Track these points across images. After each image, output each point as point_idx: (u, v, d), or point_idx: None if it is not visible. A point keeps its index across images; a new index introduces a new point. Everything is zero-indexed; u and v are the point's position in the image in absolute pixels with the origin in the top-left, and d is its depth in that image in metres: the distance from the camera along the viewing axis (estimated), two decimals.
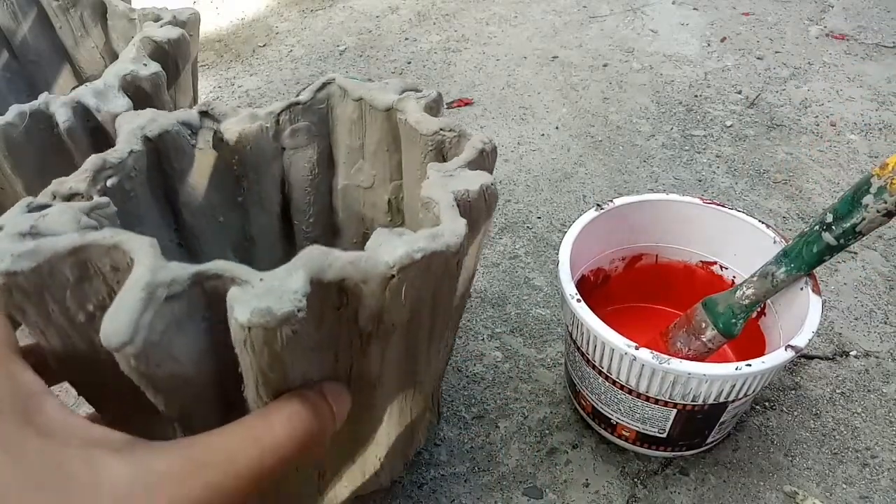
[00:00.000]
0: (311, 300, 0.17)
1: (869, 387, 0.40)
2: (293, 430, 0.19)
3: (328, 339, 0.20)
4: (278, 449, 0.18)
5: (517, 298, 0.46)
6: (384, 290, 0.19)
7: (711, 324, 0.34)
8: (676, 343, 0.36)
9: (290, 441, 0.18)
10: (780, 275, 0.32)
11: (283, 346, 0.17)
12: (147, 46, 0.36)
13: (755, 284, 0.33)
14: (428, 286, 0.21)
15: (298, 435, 0.19)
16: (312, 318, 0.18)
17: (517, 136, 0.64)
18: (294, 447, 0.18)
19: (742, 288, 0.33)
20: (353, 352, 0.21)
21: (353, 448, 0.27)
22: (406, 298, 0.20)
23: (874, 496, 0.34)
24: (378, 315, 0.20)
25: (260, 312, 0.16)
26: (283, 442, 0.18)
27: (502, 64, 0.76)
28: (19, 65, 0.47)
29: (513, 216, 0.54)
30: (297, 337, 0.17)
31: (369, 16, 0.88)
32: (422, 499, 0.35)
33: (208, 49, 0.82)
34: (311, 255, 0.18)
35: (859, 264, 0.48)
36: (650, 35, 0.80)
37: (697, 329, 0.35)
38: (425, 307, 0.22)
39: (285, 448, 0.18)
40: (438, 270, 0.20)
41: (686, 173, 0.58)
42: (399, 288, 0.19)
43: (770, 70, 0.72)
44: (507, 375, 0.41)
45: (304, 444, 0.19)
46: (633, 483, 0.35)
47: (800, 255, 0.31)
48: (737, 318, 0.33)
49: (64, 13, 0.45)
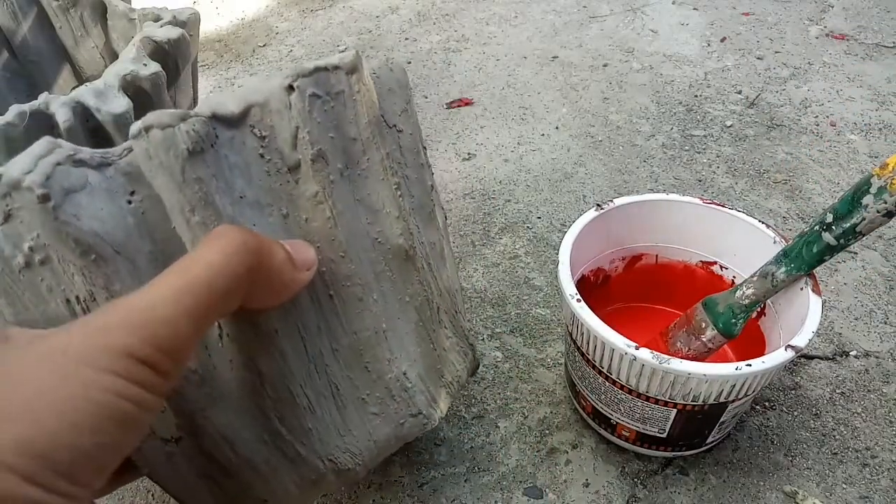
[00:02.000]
0: (228, 143, 0.19)
1: (869, 387, 0.40)
2: (223, 243, 0.17)
3: (265, 194, 0.21)
4: (208, 266, 0.17)
5: (517, 298, 0.46)
6: (288, 107, 0.20)
7: (711, 324, 0.34)
8: (676, 343, 0.36)
9: (220, 255, 0.17)
10: (780, 275, 0.32)
11: (192, 152, 0.18)
12: (147, 46, 0.36)
13: (755, 284, 0.33)
14: (330, 111, 0.21)
15: (231, 248, 0.17)
16: (242, 167, 0.20)
17: (517, 136, 0.64)
18: (228, 263, 0.17)
19: (742, 288, 0.33)
20: (297, 201, 0.21)
21: (359, 349, 0.25)
22: (311, 109, 0.21)
23: (874, 496, 0.34)
24: (294, 137, 0.21)
25: (155, 116, 0.18)
26: (212, 257, 0.17)
27: (502, 64, 0.76)
28: (19, 65, 0.47)
29: (513, 216, 0.54)
30: (214, 157, 0.19)
31: (369, 16, 0.88)
32: (422, 499, 0.35)
33: (208, 49, 0.82)
34: (207, 99, 0.20)
35: (859, 264, 0.48)
36: (650, 35, 0.80)
37: (697, 329, 0.35)
38: (343, 138, 0.22)
39: (216, 263, 0.17)
40: (333, 88, 0.21)
41: (686, 173, 0.58)
42: (302, 100, 0.20)
43: (770, 70, 0.72)
44: (507, 375, 0.41)
45: (243, 264, 0.18)
46: (633, 483, 0.35)
47: (800, 256, 0.31)
48: (737, 318, 0.33)
49: (64, 13, 0.45)
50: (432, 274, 0.27)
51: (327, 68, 0.21)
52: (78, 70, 0.48)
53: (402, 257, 0.25)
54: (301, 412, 0.23)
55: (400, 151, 0.26)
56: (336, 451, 0.24)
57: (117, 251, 0.19)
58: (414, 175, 0.26)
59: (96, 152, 0.19)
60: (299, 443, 0.24)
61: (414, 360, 0.26)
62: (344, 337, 0.24)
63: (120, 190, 0.19)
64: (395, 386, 0.26)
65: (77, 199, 0.18)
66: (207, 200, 0.19)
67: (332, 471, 0.25)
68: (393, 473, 0.36)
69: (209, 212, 0.19)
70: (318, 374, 0.23)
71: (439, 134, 0.64)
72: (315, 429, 0.24)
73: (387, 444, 0.26)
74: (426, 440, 0.38)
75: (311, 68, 0.21)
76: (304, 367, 0.23)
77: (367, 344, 0.24)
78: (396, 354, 0.25)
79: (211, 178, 0.19)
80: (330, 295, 0.23)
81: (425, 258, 0.27)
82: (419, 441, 0.38)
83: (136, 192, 0.19)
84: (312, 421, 0.24)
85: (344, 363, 0.24)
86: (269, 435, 0.23)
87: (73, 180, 0.18)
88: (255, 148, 0.20)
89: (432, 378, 0.27)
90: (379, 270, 0.24)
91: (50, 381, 0.15)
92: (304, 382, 0.23)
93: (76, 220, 0.18)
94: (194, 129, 0.19)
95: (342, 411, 0.24)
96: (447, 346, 0.28)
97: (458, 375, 0.29)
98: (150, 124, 0.18)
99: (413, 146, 0.26)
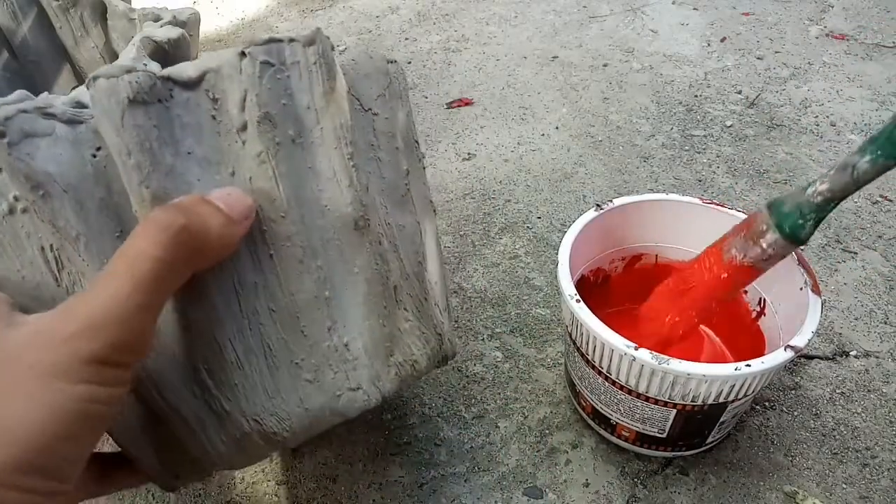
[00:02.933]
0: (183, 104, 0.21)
1: (869, 387, 0.40)
2: (162, 236, 0.18)
3: (215, 152, 0.22)
4: (149, 251, 0.18)
5: (517, 298, 0.46)
6: (239, 71, 0.22)
7: (774, 226, 0.29)
8: (731, 251, 0.31)
9: (160, 248, 0.18)
10: (864, 164, 0.26)
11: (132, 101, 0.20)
12: (147, 46, 0.36)
13: (831, 178, 0.28)
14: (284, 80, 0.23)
15: (170, 239, 0.19)
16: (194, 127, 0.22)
17: (517, 136, 0.64)
18: (167, 241, 0.18)
19: (815, 184, 0.28)
20: (243, 161, 0.23)
21: (296, 312, 0.25)
22: (261, 75, 0.22)
23: (874, 496, 0.34)
24: (243, 100, 0.22)
25: (105, 68, 0.20)
26: (152, 241, 0.18)
27: (502, 64, 0.76)
28: (19, 65, 0.47)
29: (513, 216, 0.54)
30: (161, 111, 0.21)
31: (369, 16, 0.88)
32: (422, 499, 0.35)
33: (208, 49, 0.82)
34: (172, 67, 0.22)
35: (859, 264, 0.48)
36: (650, 35, 0.80)
37: (757, 233, 0.30)
38: (296, 105, 0.23)
39: (157, 246, 0.18)
40: (287, 59, 0.23)
41: (686, 173, 0.58)
42: (252, 66, 0.22)
43: (770, 70, 0.72)
44: (507, 375, 0.41)
45: (184, 247, 0.19)
46: (633, 483, 0.35)
47: (890, 140, 0.25)
48: (805, 219, 0.29)
49: (64, 13, 0.45)
50: (396, 255, 0.27)
51: (282, 40, 0.23)
52: (78, 70, 0.48)
53: (350, 227, 0.25)
54: (229, 366, 0.24)
55: (374, 134, 0.27)
56: (262, 411, 0.24)
57: (65, 190, 0.21)
58: (387, 157, 0.27)
59: (70, 109, 0.21)
60: (225, 398, 0.24)
61: (359, 333, 0.26)
62: (281, 298, 0.24)
63: (87, 144, 0.21)
64: (334, 355, 0.25)
65: (35, 142, 0.20)
66: (144, 147, 0.21)
67: (258, 432, 0.25)
68: (393, 473, 0.36)
69: (144, 157, 0.21)
70: (250, 330, 0.24)
71: (439, 134, 0.64)
72: (242, 385, 0.24)
73: (320, 414, 0.26)
74: (426, 440, 0.38)
75: (265, 38, 0.22)
76: (236, 321, 0.23)
77: (305, 307, 0.24)
78: (338, 324, 0.25)
79: (152, 128, 0.21)
80: (270, 255, 0.24)
81: (388, 237, 0.27)
82: (419, 441, 0.38)
83: (103, 149, 0.21)
84: (240, 377, 0.24)
85: (280, 324, 0.24)
86: (198, 386, 0.24)
87: (36, 127, 0.20)
88: (207, 109, 0.22)
89: (378, 354, 0.26)
90: (327, 238, 0.24)
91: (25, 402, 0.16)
92: (233, 337, 0.23)
93: (29, 159, 0.20)
94: (137, 81, 0.21)
95: (273, 372, 0.24)
96: (404, 328, 0.28)
97: (414, 359, 0.28)
98: (98, 74, 0.20)
99: (388, 130, 0.27)
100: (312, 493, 0.35)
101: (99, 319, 0.17)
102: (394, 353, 0.27)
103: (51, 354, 0.17)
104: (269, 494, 0.36)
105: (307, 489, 0.36)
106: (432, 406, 0.39)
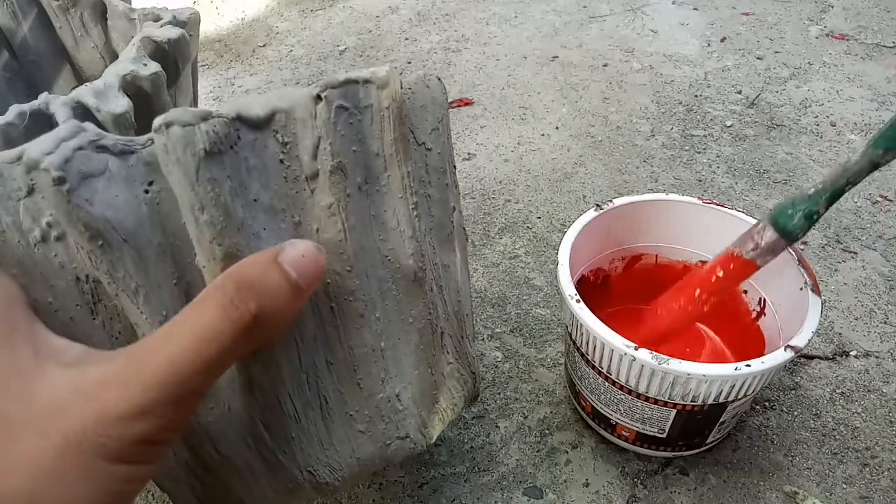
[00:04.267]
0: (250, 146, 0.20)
1: (869, 387, 0.40)
2: (231, 311, 0.17)
3: (280, 199, 0.21)
4: (217, 336, 0.17)
5: (517, 298, 0.46)
6: (313, 116, 0.20)
7: (767, 218, 0.30)
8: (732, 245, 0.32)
9: (228, 324, 0.17)
10: (856, 156, 0.27)
11: (209, 152, 0.19)
12: (147, 46, 0.36)
13: (826, 173, 0.27)
14: (356, 124, 0.21)
15: (239, 330, 0.17)
16: (261, 170, 0.20)
17: (517, 136, 0.64)
18: (235, 329, 0.17)
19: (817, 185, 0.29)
20: (311, 210, 0.21)
21: (353, 365, 0.24)
22: (336, 121, 0.20)
23: (874, 496, 0.34)
24: (316, 147, 0.20)
25: (178, 113, 0.18)
26: (220, 327, 0.17)
27: (502, 64, 0.76)
28: (19, 65, 0.47)
29: (513, 216, 0.54)
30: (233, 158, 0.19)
31: (369, 16, 0.88)
32: (422, 499, 0.35)
33: (208, 49, 0.82)
34: (234, 101, 0.20)
35: (859, 264, 0.48)
36: (650, 35, 0.80)
37: (753, 229, 0.31)
38: (366, 152, 0.22)
39: (224, 333, 0.17)
40: (361, 102, 0.21)
41: (686, 173, 0.58)
42: (328, 111, 0.20)
43: (770, 70, 0.72)
44: (507, 375, 0.41)
45: (251, 323, 0.17)
46: (633, 483, 0.35)
47: (884, 136, 0.26)
48: (795, 210, 0.29)
49: (64, 13, 0.45)
50: (441, 297, 0.27)
51: (358, 81, 0.21)
52: (78, 70, 0.48)
53: (410, 278, 0.24)
54: (286, 420, 0.23)
55: (426, 169, 0.25)
56: (317, 463, 0.24)
57: (125, 239, 0.19)
58: (437, 195, 0.26)
59: (120, 139, 0.19)
60: (280, 450, 0.23)
61: (409, 382, 0.26)
62: (340, 351, 0.24)
63: (139, 179, 0.19)
64: (386, 406, 0.25)
65: (93, 184, 0.18)
66: (218, 201, 0.19)
67: (310, 482, 0.24)
68: (393, 473, 0.36)
69: (219, 212, 0.19)
70: (308, 384, 0.23)
71: None
72: (298, 438, 0.24)
73: (370, 462, 0.26)
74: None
75: (341, 80, 0.20)
76: (296, 376, 0.23)
77: (362, 360, 0.24)
78: (391, 375, 0.25)
79: (225, 180, 0.19)
80: (331, 308, 0.23)
81: (436, 280, 0.26)
82: None
83: (155, 183, 0.19)
84: (296, 430, 0.23)
85: (336, 377, 0.24)
86: (253, 438, 0.23)
87: (92, 165, 0.18)
88: (275, 153, 0.20)
89: (426, 403, 0.27)
90: (385, 289, 0.24)
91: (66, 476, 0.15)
92: (293, 392, 0.23)
93: (88, 206, 0.18)
94: (214, 130, 0.19)
95: (328, 424, 0.24)
96: (446, 372, 0.28)
97: (455, 403, 0.28)
98: (171, 121, 0.18)
99: (440, 165, 0.26)
100: None
101: (153, 399, 0.16)
102: (438, 401, 0.27)
103: (99, 428, 0.16)
104: None
105: None
106: None
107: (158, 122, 0.18)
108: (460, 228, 0.28)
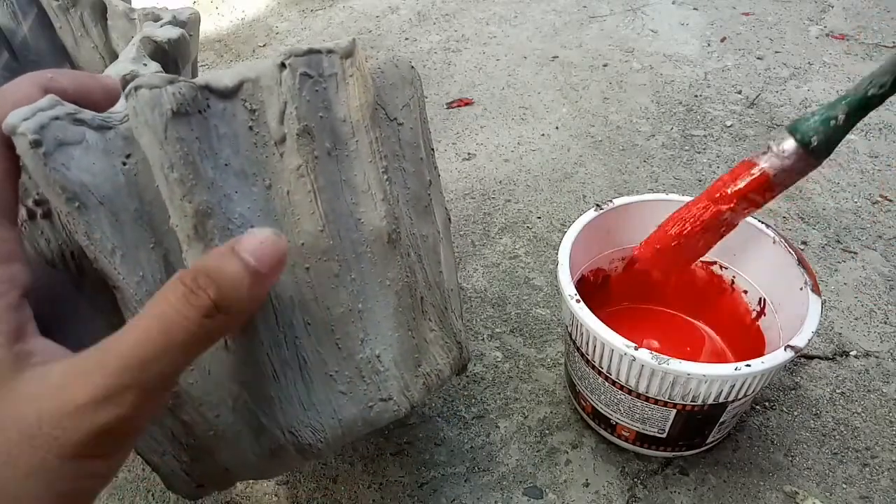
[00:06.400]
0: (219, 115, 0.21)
1: (869, 387, 0.40)
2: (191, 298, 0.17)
3: (251, 164, 0.22)
4: (182, 320, 0.17)
5: (517, 298, 0.46)
6: (279, 83, 0.22)
7: (787, 130, 0.29)
8: (758, 158, 0.31)
9: (191, 309, 0.17)
10: (883, 61, 0.27)
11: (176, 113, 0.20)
12: (147, 46, 0.36)
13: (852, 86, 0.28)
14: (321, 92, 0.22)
15: (200, 301, 0.17)
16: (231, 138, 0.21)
17: (517, 136, 0.64)
18: (199, 314, 0.17)
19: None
20: (281, 173, 0.22)
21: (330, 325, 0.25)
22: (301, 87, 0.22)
23: (874, 496, 0.34)
24: (282, 112, 0.22)
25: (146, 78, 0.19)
26: (185, 311, 0.17)
27: (502, 64, 0.76)
28: (19, 65, 0.47)
29: (513, 216, 0.54)
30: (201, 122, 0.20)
31: (369, 16, 0.88)
32: (422, 499, 0.35)
33: (208, 49, 0.82)
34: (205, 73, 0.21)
35: (859, 264, 0.48)
36: (650, 35, 0.80)
37: (776, 140, 0.30)
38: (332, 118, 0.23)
39: (189, 318, 0.17)
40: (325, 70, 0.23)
41: (686, 173, 0.58)
42: (293, 78, 0.22)
43: (770, 70, 0.72)
44: (507, 375, 0.41)
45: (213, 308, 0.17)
46: (633, 483, 0.35)
47: None
48: (813, 115, 0.29)
49: (64, 13, 0.45)
50: (421, 265, 0.27)
51: (321, 51, 0.22)
52: (78, 70, 0.48)
53: (384, 240, 0.25)
54: (265, 380, 0.23)
55: (399, 144, 0.27)
56: (298, 424, 0.24)
57: (101, 202, 0.20)
58: (411, 168, 0.27)
59: (98, 115, 0.20)
60: (261, 411, 0.24)
61: (389, 344, 0.26)
62: (317, 311, 0.24)
63: (116, 151, 0.21)
64: (366, 367, 0.26)
65: (69, 151, 0.19)
66: (187, 160, 0.20)
67: (293, 444, 0.25)
68: (393, 473, 0.36)
69: (188, 170, 0.20)
70: (286, 344, 0.24)
71: (439, 134, 0.64)
72: (278, 398, 0.24)
73: (353, 425, 0.26)
74: (426, 440, 0.38)
75: (304, 49, 0.22)
76: (273, 335, 0.23)
77: (339, 321, 0.25)
78: (370, 336, 0.25)
79: (194, 140, 0.21)
80: (306, 268, 0.23)
81: (414, 248, 0.27)
82: (419, 441, 0.38)
83: (132, 155, 0.21)
84: (275, 390, 0.24)
85: (315, 337, 0.24)
86: (232, 399, 0.23)
87: (68, 134, 0.19)
88: (244, 120, 0.22)
89: (408, 365, 0.27)
90: (360, 251, 0.24)
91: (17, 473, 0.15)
92: (270, 351, 0.23)
93: (65, 169, 0.19)
94: (180, 92, 0.20)
95: (308, 385, 0.25)
96: (430, 339, 0.28)
97: (439, 369, 0.28)
98: (140, 84, 0.20)
99: (413, 140, 0.27)
100: (312, 494, 0.35)
101: (116, 383, 0.16)
102: (421, 364, 0.27)
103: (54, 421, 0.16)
104: (268, 494, 0.36)
105: (307, 489, 0.36)
106: (432, 406, 0.39)
107: (129, 87, 0.20)
108: (441, 206, 0.29)
